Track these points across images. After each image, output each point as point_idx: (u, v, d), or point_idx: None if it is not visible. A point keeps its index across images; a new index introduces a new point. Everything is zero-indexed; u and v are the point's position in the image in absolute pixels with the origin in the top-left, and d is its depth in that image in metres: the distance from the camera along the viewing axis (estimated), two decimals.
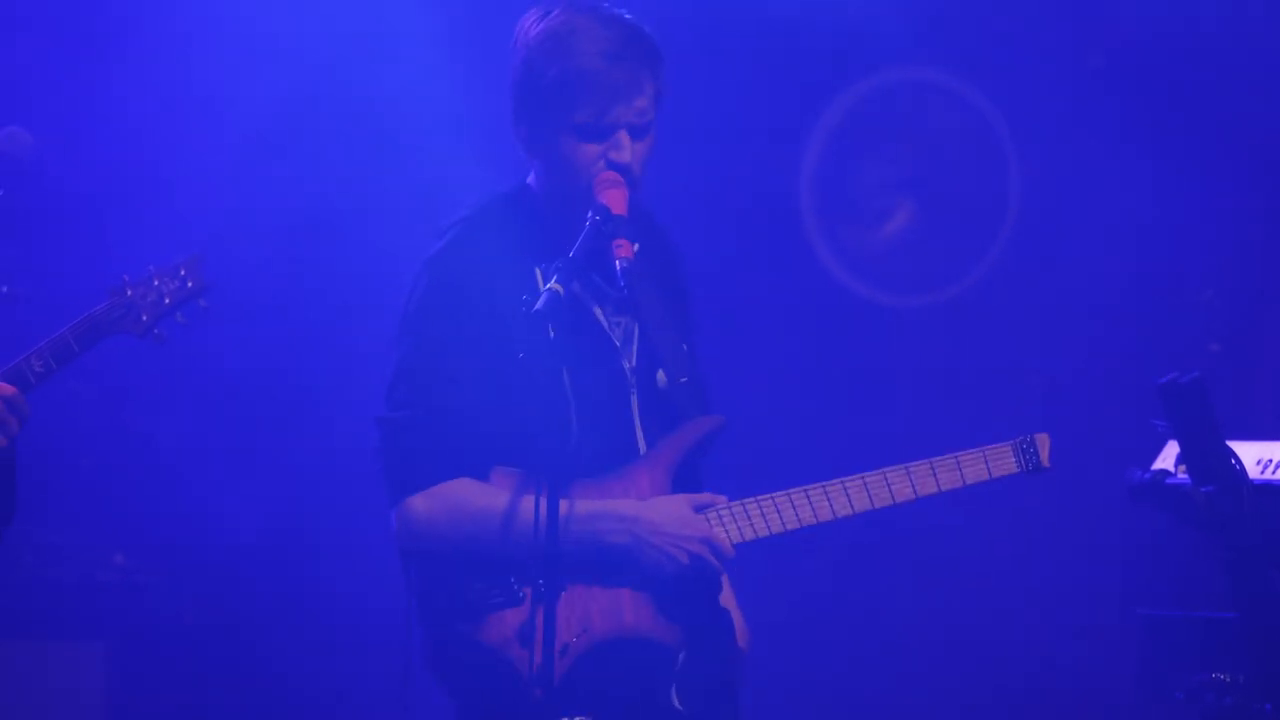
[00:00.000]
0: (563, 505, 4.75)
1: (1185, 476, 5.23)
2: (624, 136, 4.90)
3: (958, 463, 4.97)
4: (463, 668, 4.93)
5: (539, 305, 4.66)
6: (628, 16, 4.98)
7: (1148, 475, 5.34)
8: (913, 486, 4.95)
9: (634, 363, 5.02)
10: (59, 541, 8.25)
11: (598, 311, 5.01)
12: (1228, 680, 5.32)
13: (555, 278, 4.71)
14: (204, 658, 8.23)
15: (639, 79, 4.92)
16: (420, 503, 4.93)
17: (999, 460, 5.00)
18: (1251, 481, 5.07)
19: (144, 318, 5.07)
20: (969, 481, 4.98)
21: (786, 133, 8.56)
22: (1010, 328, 8.44)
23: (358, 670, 7.92)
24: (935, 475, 4.96)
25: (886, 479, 4.95)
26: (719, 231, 8.15)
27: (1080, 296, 8.38)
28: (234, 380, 8.20)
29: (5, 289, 7.87)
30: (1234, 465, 5.09)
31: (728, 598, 5.20)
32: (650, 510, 4.89)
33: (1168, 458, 5.43)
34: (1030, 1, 8.40)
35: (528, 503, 4.83)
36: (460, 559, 4.94)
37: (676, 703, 4.97)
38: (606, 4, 5.02)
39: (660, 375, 4.95)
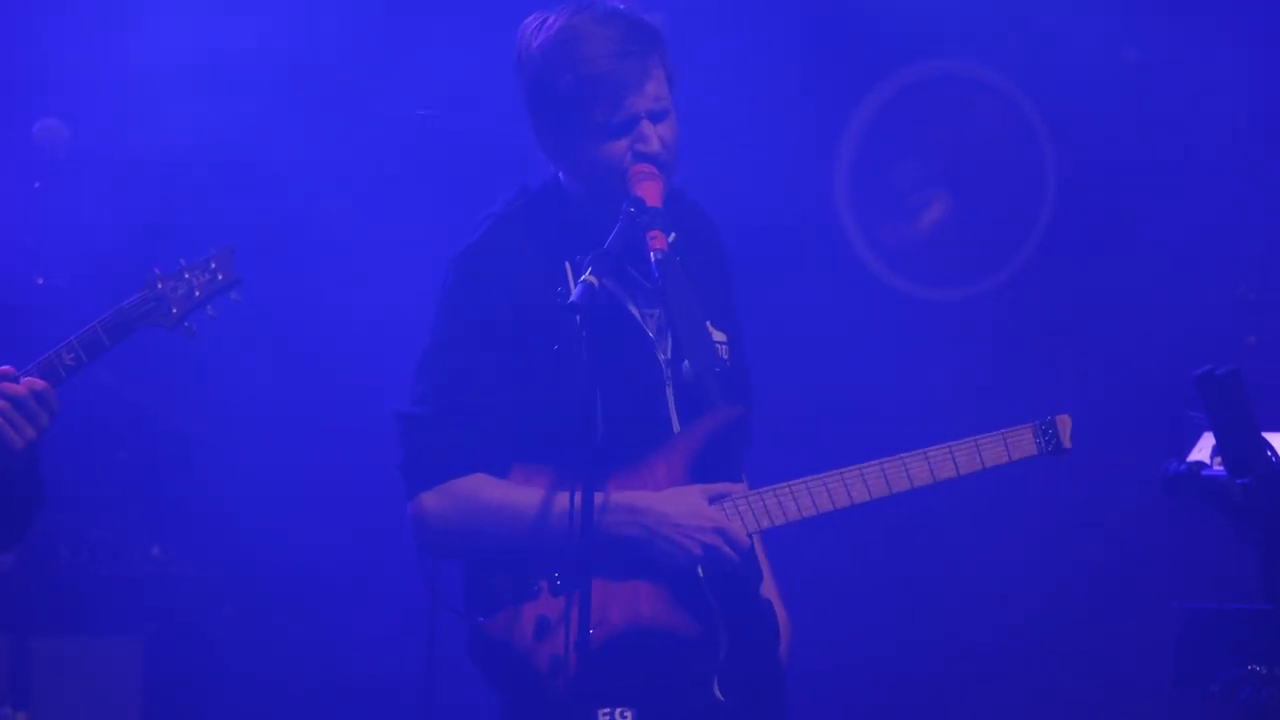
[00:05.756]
0: (574, 499, 4.78)
1: (1221, 468, 5.21)
2: (646, 126, 4.93)
3: (976, 446, 4.94)
4: (488, 661, 4.95)
5: (574, 297, 4.68)
6: (622, 8, 5.00)
7: (1183, 467, 5.32)
8: (931, 471, 4.93)
9: (669, 354, 5.02)
10: (96, 535, 8.27)
11: (632, 304, 5.01)
12: (1264, 673, 5.30)
13: (590, 269, 4.73)
14: (243, 651, 8.25)
15: (646, 66, 4.93)
16: (432, 499, 4.96)
17: (1018, 442, 4.97)
18: None
19: (174, 310, 5.10)
20: (987, 464, 4.95)
21: (822, 127, 8.56)
22: (1046, 319, 8.43)
23: (398, 662, 7.93)
24: (954, 459, 4.93)
25: (904, 464, 4.93)
26: (750, 223, 8.14)
27: (1116, 289, 8.36)
28: (272, 372, 8.21)
29: (41, 280, 7.92)
30: (1270, 457, 5.09)
31: (769, 589, 5.21)
32: (662, 502, 4.87)
33: (1204, 449, 5.42)
34: None
35: (541, 497, 4.87)
36: (475, 554, 4.97)
37: (719, 695, 4.96)
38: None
39: (685, 365, 4.92)
